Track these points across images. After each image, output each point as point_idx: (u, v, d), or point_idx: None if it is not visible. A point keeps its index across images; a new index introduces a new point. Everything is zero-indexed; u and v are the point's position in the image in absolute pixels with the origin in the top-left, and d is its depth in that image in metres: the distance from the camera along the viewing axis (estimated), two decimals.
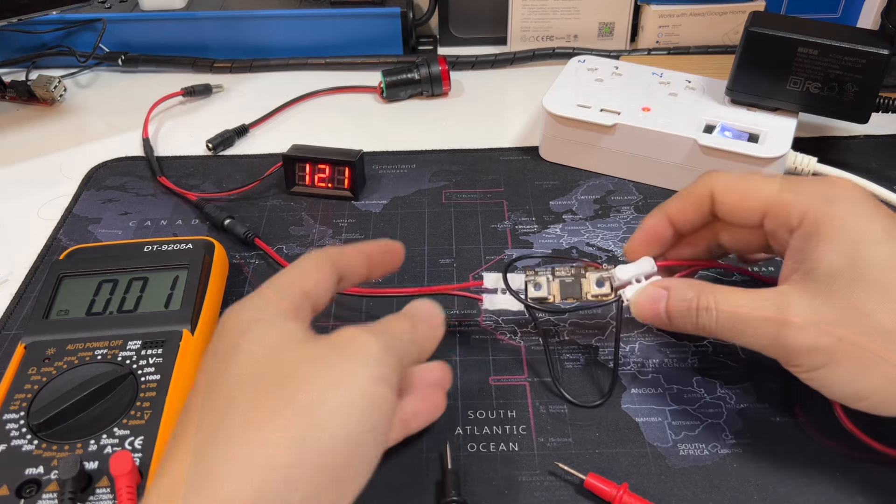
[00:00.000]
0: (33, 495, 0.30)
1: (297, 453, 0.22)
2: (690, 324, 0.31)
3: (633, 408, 0.36)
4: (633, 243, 0.36)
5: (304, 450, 0.23)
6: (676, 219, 0.35)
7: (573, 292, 0.35)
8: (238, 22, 0.64)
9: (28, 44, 0.64)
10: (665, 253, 0.36)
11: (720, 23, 0.63)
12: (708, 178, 0.34)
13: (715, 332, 0.31)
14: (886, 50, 0.44)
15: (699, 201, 0.34)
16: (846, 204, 0.29)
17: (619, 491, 0.31)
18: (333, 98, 0.61)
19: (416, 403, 0.32)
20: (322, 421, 0.23)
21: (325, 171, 0.49)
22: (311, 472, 0.22)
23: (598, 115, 0.49)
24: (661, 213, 0.35)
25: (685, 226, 0.35)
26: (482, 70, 0.65)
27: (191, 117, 0.59)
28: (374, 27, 0.64)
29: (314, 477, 0.23)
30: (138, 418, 0.32)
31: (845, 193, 0.30)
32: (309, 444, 0.23)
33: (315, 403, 0.24)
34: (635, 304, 0.33)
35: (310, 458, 0.23)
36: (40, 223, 0.49)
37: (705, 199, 0.33)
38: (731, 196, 0.32)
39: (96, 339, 0.35)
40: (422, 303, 0.31)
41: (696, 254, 0.36)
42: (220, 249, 0.42)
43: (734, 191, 0.32)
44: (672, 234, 0.35)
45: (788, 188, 0.31)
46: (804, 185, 0.31)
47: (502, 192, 0.50)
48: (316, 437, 0.23)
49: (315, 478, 0.23)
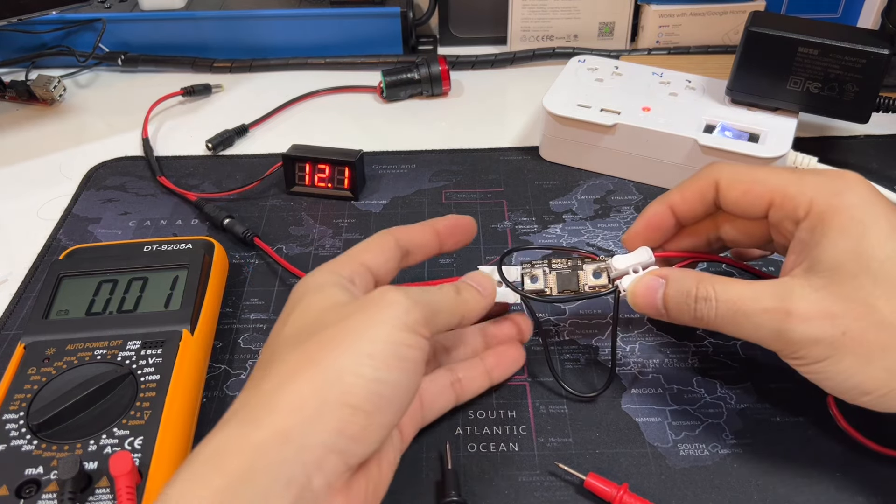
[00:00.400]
0: (33, 495, 0.30)
1: (322, 394, 0.25)
2: (688, 314, 0.31)
3: (634, 408, 0.36)
4: (632, 232, 0.36)
5: (328, 390, 0.25)
6: (679, 209, 0.35)
7: (570, 284, 0.35)
8: (238, 22, 0.64)
9: (28, 44, 0.64)
10: (664, 244, 0.36)
11: (720, 23, 0.63)
12: (712, 169, 0.33)
13: (714, 324, 0.30)
14: (887, 50, 0.44)
15: (703, 191, 0.34)
16: (853, 197, 0.29)
17: (620, 491, 0.31)
18: (333, 98, 0.61)
19: (494, 358, 0.36)
20: (345, 364, 0.26)
21: (326, 171, 0.49)
22: (334, 408, 0.25)
23: (598, 115, 0.49)
24: (664, 202, 0.35)
25: (687, 216, 0.35)
26: (482, 70, 0.65)
27: (190, 117, 0.59)
28: (374, 27, 0.64)
29: (338, 411, 0.25)
30: (138, 418, 0.32)
31: (852, 186, 0.30)
32: (331, 385, 0.25)
33: (340, 350, 0.26)
34: (632, 293, 0.33)
35: (333, 397, 0.25)
36: (40, 223, 0.49)
37: (709, 189, 0.33)
38: (737, 186, 0.32)
39: (96, 339, 0.35)
40: (475, 273, 0.34)
41: (695, 245, 0.36)
42: (219, 249, 0.42)
43: (740, 181, 0.32)
44: (673, 225, 0.35)
45: (795, 180, 0.31)
46: (811, 176, 0.31)
47: (502, 192, 0.50)
48: (338, 378, 0.25)
49: (339, 412, 0.25)
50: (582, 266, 0.36)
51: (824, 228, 0.29)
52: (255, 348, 0.39)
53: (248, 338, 0.40)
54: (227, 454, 0.24)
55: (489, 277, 0.34)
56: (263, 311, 0.41)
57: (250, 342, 0.40)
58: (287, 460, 0.24)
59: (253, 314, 0.41)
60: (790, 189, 0.31)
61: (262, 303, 0.42)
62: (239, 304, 0.42)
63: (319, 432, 0.24)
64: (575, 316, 0.41)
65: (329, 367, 0.25)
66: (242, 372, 0.38)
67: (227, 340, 0.40)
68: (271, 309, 0.41)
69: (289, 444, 0.24)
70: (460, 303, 0.31)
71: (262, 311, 0.41)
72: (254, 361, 0.38)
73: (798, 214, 0.30)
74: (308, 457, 0.24)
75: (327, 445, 0.24)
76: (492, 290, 0.34)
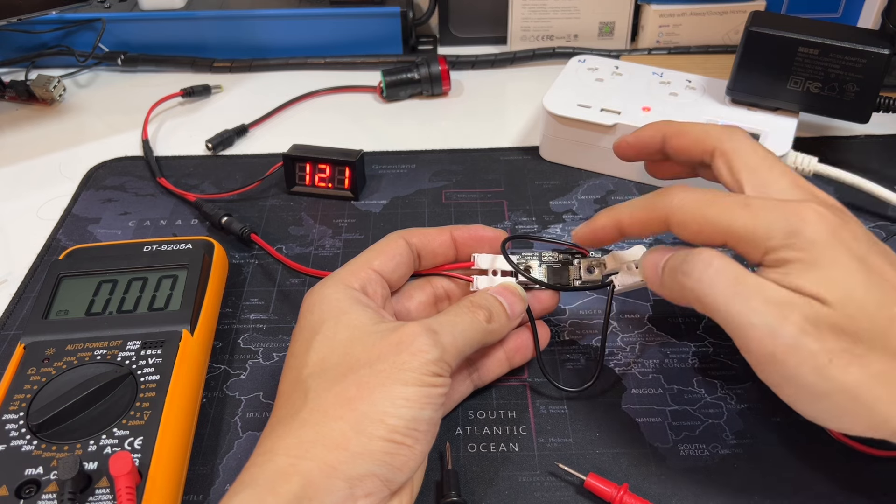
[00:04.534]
0: (33, 496, 0.29)
1: (367, 433, 0.27)
2: (678, 285, 0.29)
3: (634, 408, 0.36)
4: (578, 236, 0.35)
5: (373, 429, 0.27)
6: (626, 228, 0.33)
7: (560, 278, 0.36)
8: (237, 22, 0.64)
9: (27, 43, 0.64)
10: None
11: (720, 22, 0.63)
12: (663, 202, 0.31)
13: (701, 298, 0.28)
14: (887, 50, 0.44)
15: (651, 223, 0.32)
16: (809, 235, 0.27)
17: (620, 491, 0.31)
18: (333, 98, 0.61)
19: (514, 342, 0.36)
20: (385, 408, 0.27)
21: (326, 171, 0.49)
22: (379, 443, 0.27)
23: (598, 114, 0.49)
24: (611, 216, 0.33)
25: (633, 235, 0.33)
26: (482, 70, 0.65)
27: (190, 117, 0.59)
28: (374, 27, 0.64)
29: (383, 446, 0.27)
30: (138, 419, 0.32)
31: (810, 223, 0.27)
32: (375, 425, 0.27)
33: (377, 395, 0.28)
34: (647, 253, 0.32)
35: (378, 434, 0.27)
36: (40, 223, 0.49)
37: (659, 224, 0.31)
38: (689, 227, 0.30)
39: (96, 339, 0.35)
40: (509, 285, 0.34)
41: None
42: (219, 249, 0.42)
43: (691, 222, 0.30)
44: (620, 236, 0.34)
45: (748, 219, 0.28)
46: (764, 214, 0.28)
47: (502, 192, 0.50)
48: (381, 420, 0.27)
49: (384, 446, 0.27)
50: (573, 261, 0.36)
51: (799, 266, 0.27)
52: (255, 348, 0.39)
53: (247, 338, 0.40)
54: (280, 480, 0.26)
55: (521, 297, 0.34)
56: (263, 311, 0.41)
57: (250, 342, 0.40)
58: (336, 487, 0.26)
59: (253, 314, 0.41)
60: (743, 231, 0.28)
61: (261, 303, 0.42)
62: (239, 305, 0.42)
63: (367, 463, 0.27)
64: (575, 316, 0.41)
65: (369, 411, 0.27)
66: (242, 372, 0.38)
67: (226, 340, 0.40)
68: (271, 309, 0.41)
69: (336, 473, 0.26)
70: (488, 333, 0.32)
71: (261, 311, 0.41)
72: (254, 361, 0.38)
73: (754, 258, 0.29)
74: (356, 483, 0.26)
75: (374, 473, 0.27)
76: (521, 311, 0.34)
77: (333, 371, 0.29)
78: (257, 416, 0.36)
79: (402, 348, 0.29)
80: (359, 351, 0.29)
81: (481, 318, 0.32)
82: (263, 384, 0.37)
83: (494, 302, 0.33)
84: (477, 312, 0.32)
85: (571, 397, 0.36)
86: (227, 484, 0.33)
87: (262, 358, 0.39)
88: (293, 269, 0.44)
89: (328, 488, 0.26)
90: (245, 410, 0.36)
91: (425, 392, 0.28)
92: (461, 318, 0.31)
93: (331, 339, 0.30)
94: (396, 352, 0.29)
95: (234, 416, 0.36)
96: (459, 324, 0.31)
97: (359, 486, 0.26)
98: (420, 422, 0.28)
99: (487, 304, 0.33)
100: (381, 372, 0.28)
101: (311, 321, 0.31)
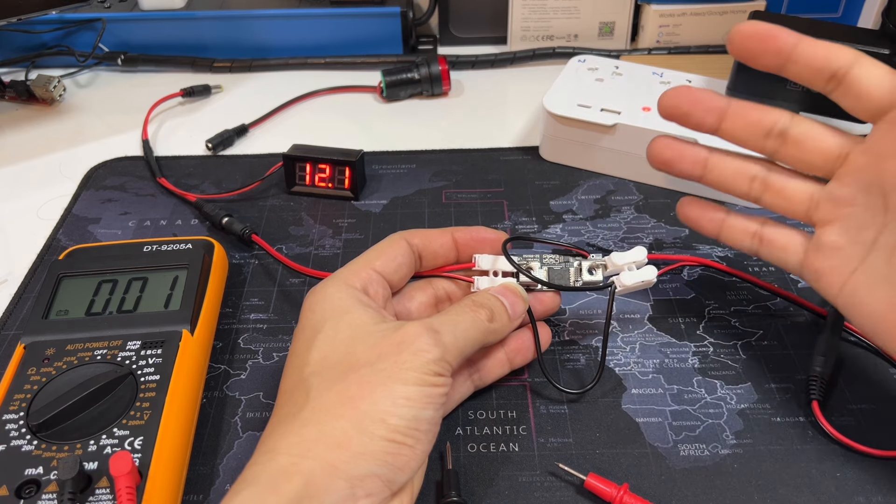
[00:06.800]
0: (33, 496, 0.29)
1: (368, 432, 0.27)
2: None
3: (634, 408, 0.36)
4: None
5: (374, 429, 0.27)
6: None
7: (561, 279, 0.36)
8: (237, 22, 0.64)
9: (27, 43, 0.64)
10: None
11: (720, 22, 0.63)
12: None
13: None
14: (887, 50, 0.44)
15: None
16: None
17: (620, 491, 0.31)
18: (333, 98, 0.61)
19: (515, 343, 0.36)
20: (385, 408, 0.27)
21: (326, 171, 0.49)
22: (380, 443, 0.27)
23: (598, 114, 0.49)
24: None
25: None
26: (482, 70, 0.65)
27: (190, 117, 0.59)
28: (374, 27, 0.64)
29: (384, 446, 0.27)
30: (138, 419, 0.32)
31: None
32: (376, 424, 0.27)
33: (378, 394, 0.28)
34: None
35: (379, 433, 0.27)
36: (40, 223, 0.49)
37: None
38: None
39: (96, 339, 0.35)
40: (510, 290, 0.34)
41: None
42: (219, 249, 0.42)
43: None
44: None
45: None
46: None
47: (502, 192, 0.50)
48: (382, 420, 0.27)
49: (385, 446, 0.27)
50: (573, 262, 0.36)
51: None
52: (255, 348, 0.39)
53: (247, 338, 0.40)
54: (281, 479, 0.26)
55: (523, 297, 0.34)
56: (263, 311, 0.41)
57: (250, 342, 0.40)
58: (338, 487, 0.26)
59: (253, 314, 0.41)
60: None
61: (261, 303, 0.42)
62: (239, 305, 0.42)
63: (368, 463, 0.27)
64: (575, 316, 0.41)
65: (370, 410, 0.27)
66: (242, 372, 0.38)
67: (226, 340, 0.40)
68: (271, 309, 0.41)
69: (338, 473, 0.26)
70: (489, 332, 0.32)
71: (261, 311, 0.41)
72: (254, 361, 0.38)
73: None
74: (356, 483, 0.26)
75: (376, 473, 0.27)
76: (522, 311, 0.34)
77: (335, 370, 0.29)
78: (257, 416, 0.36)
79: (404, 347, 0.29)
80: (360, 350, 0.29)
81: (483, 317, 0.32)
82: (263, 384, 0.37)
83: (496, 301, 0.33)
84: (478, 312, 0.32)
85: (571, 398, 0.36)
86: (227, 484, 0.33)
87: (263, 358, 0.39)
88: (293, 270, 0.44)
89: (329, 488, 0.26)
90: (245, 410, 0.36)
91: (426, 391, 0.28)
92: (462, 318, 0.31)
93: (332, 337, 0.30)
94: (398, 351, 0.29)
95: (234, 416, 0.36)
96: (461, 323, 0.31)
97: (360, 486, 0.27)
98: (421, 421, 0.28)
99: (489, 304, 0.33)
100: (383, 371, 0.28)
101: (313, 320, 0.31)
